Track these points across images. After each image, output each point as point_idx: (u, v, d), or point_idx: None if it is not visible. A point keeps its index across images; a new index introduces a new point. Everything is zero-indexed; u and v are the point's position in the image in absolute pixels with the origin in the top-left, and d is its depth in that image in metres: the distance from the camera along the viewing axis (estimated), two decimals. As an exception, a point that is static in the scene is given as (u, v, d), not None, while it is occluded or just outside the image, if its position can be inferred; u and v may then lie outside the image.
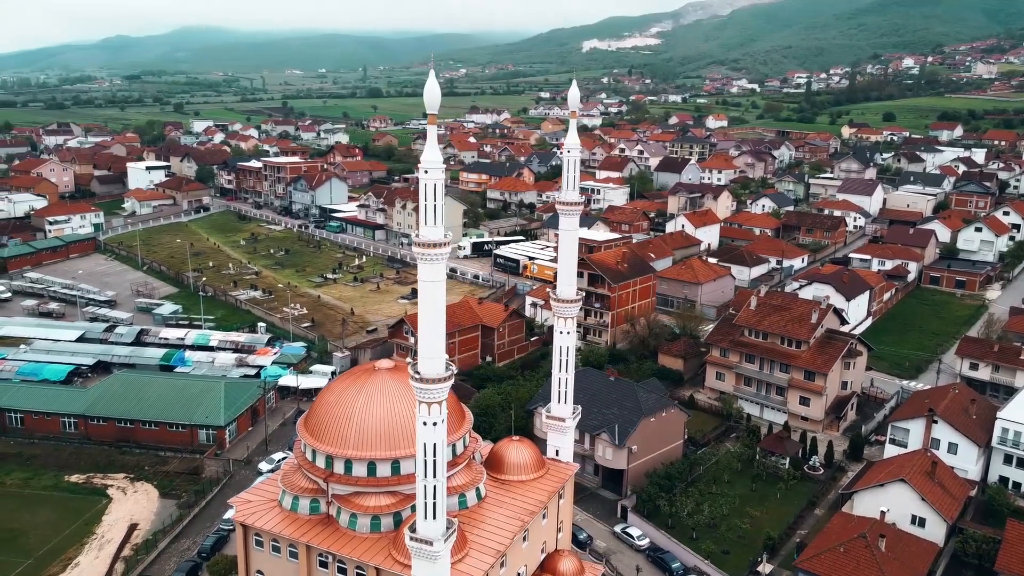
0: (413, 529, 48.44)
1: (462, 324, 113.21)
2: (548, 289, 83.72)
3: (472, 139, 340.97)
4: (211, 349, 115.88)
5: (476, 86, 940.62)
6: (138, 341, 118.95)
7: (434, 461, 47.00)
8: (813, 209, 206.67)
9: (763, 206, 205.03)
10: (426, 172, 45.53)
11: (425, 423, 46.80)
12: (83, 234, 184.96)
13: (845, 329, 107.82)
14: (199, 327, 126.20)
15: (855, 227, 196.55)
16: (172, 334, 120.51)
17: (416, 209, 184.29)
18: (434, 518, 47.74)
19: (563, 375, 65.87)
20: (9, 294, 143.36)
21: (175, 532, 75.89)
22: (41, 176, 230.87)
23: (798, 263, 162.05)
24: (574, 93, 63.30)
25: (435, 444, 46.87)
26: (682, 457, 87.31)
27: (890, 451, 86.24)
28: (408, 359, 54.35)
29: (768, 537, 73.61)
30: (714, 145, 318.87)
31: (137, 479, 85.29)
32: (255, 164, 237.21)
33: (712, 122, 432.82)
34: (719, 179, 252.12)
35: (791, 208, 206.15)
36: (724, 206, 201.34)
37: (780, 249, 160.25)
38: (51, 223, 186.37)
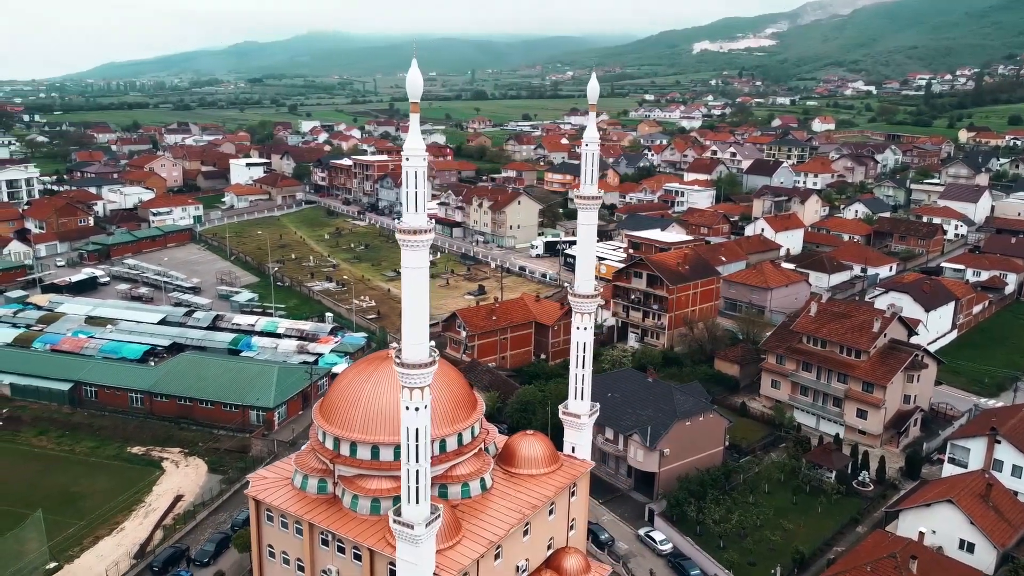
0: (398, 512, 49.15)
1: (514, 321, 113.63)
2: (566, 284, 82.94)
3: (564, 140, 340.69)
4: (278, 336, 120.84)
5: (580, 88, 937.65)
6: (213, 326, 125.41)
7: (417, 446, 47.52)
8: (911, 216, 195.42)
9: (856, 211, 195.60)
10: (407, 159, 46.17)
11: (408, 408, 47.34)
12: (181, 225, 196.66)
13: (918, 341, 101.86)
14: (270, 315, 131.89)
15: (956, 235, 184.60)
16: (244, 320, 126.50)
17: (492, 207, 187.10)
18: (417, 502, 48.26)
19: (580, 371, 65.28)
20: (107, 278, 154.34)
21: (214, 505, 79.74)
22: (153, 171, 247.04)
23: (884, 271, 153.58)
24: (593, 86, 62.59)
25: (418, 429, 47.34)
26: (721, 464, 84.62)
27: (949, 471, 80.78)
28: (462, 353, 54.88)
29: (796, 552, 70.40)
30: (815, 148, 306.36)
31: (190, 454, 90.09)
32: (346, 162, 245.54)
33: (818, 125, 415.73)
34: (815, 183, 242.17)
35: (886, 214, 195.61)
36: (812, 211, 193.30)
37: (864, 256, 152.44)
38: (154, 214, 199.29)
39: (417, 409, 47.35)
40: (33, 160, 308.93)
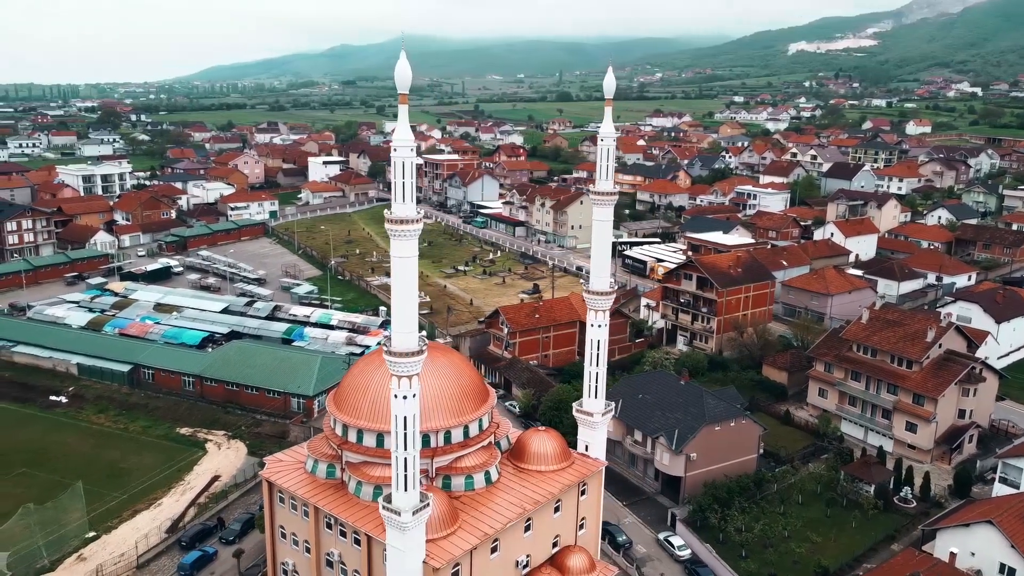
0: (388, 499, 49.81)
1: (558, 320, 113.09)
2: (581, 280, 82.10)
3: (640, 142, 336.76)
4: (330, 327, 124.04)
5: (668, 90, 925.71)
6: (271, 316, 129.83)
7: (405, 433, 48.04)
8: (1000, 223, 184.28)
9: (939, 217, 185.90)
10: (395, 150, 46.74)
11: (396, 396, 47.87)
12: (255, 220, 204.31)
13: (985, 353, 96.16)
14: (326, 307, 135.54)
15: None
16: (300, 311, 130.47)
17: (554, 207, 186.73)
18: (405, 490, 48.79)
19: (595, 369, 64.80)
20: (181, 268, 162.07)
21: (247, 487, 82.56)
22: (236, 168, 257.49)
23: (962, 280, 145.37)
24: (609, 81, 62.05)
25: (406, 417, 47.86)
26: (754, 472, 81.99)
27: (999, 490, 75.97)
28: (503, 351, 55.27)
29: (818, 566, 67.56)
30: (904, 152, 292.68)
31: (233, 437, 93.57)
32: (417, 161, 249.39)
33: (912, 127, 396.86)
34: (899, 187, 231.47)
35: (972, 221, 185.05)
36: (890, 216, 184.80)
37: (940, 264, 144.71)
38: (232, 209, 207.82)
39: (406, 397, 47.80)
40: (133, 157, 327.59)
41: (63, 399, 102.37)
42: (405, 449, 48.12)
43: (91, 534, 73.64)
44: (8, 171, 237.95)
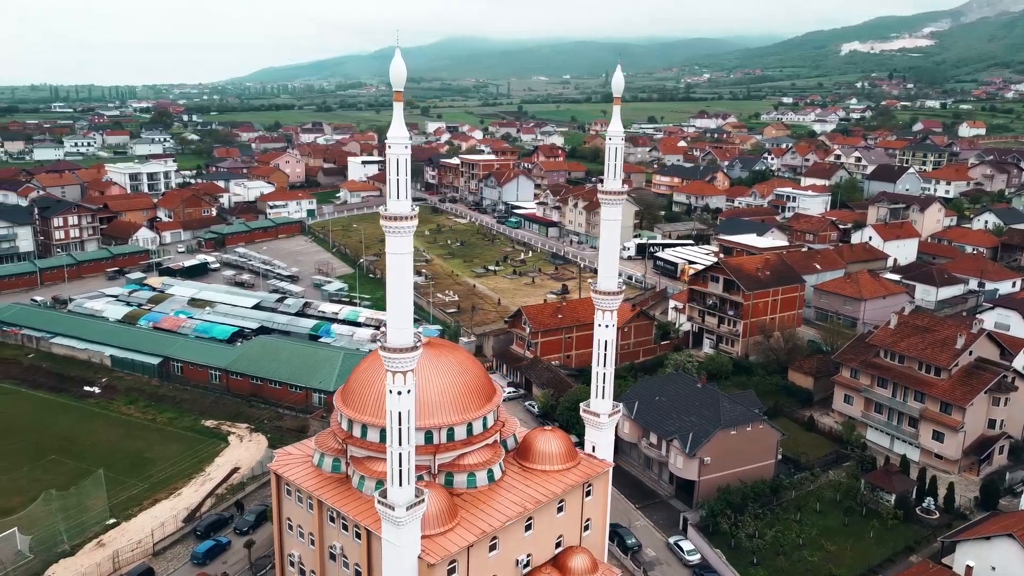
0: (383, 494, 50.20)
1: (581, 320, 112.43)
2: (589, 280, 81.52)
3: (682, 143, 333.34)
4: (357, 324, 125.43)
5: (715, 91, 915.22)
6: (300, 312, 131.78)
7: (400, 429, 48.36)
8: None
9: (985, 222, 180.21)
10: (390, 147, 47.13)
11: (391, 391, 48.23)
12: (293, 218, 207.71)
13: (1021, 363, 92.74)
14: (355, 304, 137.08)
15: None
16: (329, 308, 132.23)
17: (587, 207, 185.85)
18: (400, 485, 49.10)
19: (602, 369, 64.33)
20: (217, 264, 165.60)
21: (264, 479, 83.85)
22: (277, 167, 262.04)
23: (1006, 287, 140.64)
24: (617, 79, 61.56)
25: (400, 413, 48.18)
26: (771, 478, 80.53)
27: (1027, 504, 73.44)
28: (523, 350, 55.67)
29: (830, 575, 66.06)
30: (954, 154, 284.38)
31: (255, 430, 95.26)
32: (454, 161, 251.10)
33: (965, 129, 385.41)
34: (946, 190, 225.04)
35: (1021, 226, 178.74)
36: (933, 220, 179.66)
37: (981, 269, 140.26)
38: (271, 207, 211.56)
39: (400, 393, 48.14)
40: (181, 156, 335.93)
41: (96, 390, 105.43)
42: (400, 445, 48.41)
43: (111, 521, 75.69)
44: (61, 169, 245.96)
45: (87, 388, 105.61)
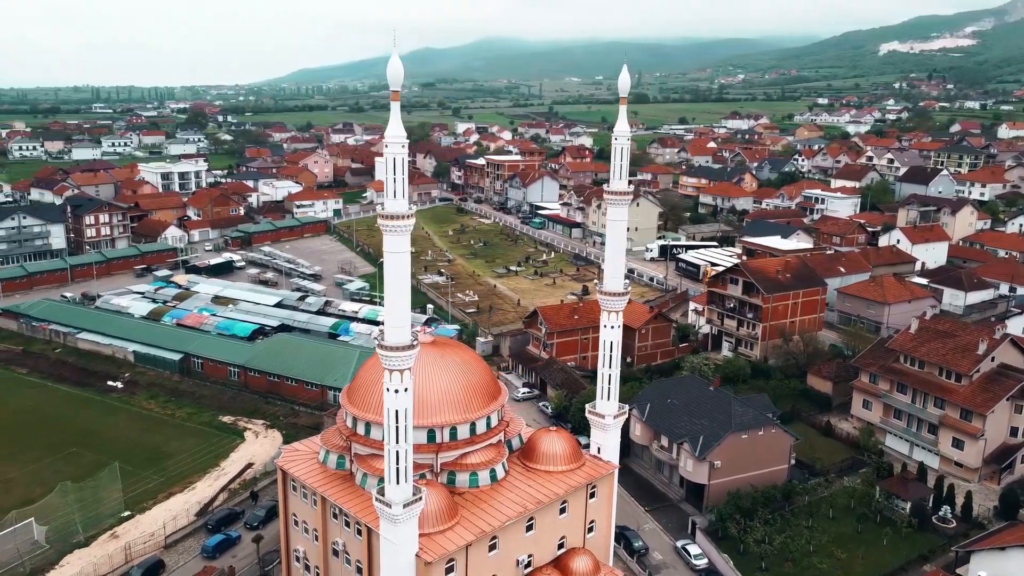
0: (381, 492, 50.44)
1: (598, 321, 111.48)
2: (594, 281, 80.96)
3: (711, 144, 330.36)
4: (376, 323, 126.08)
5: (749, 92, 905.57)
6: (321, 311, 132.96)
7: (398, 427, 48.57)
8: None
9: (1020, 225, 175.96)
10: (387, 146, 47.35)
11: (389, 389, 48.46)
12: (318, 217, 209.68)
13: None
14: (375, 303, 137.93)
15: None
16: (349, 307, 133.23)
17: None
18: (397, 483, 49.30)
19: (608, 371, 64.19)
20: (243, 263, 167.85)
21: (275, 476, 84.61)
22: (306, 167, 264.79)
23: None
24: (624, 79, 61.34)
25: (398, 411, 48.40)
26: (783, 483, 79.43)
27: (1048, 515, 71.56)
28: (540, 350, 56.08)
29: (838, 582, 65.04)
30: (992, 156, 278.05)
31: (271, 427, 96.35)
32: (480, 161, 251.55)
33: (1004, 131, 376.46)
34: (981, 193, 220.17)
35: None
36: (965, 223, 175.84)
37: (1011, 274, 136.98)
38: (298, 206, 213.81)
39: (398, 391, 48.36)
40: (214, 156, 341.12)
41: (119, 384, 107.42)
42: (397, 442, 48.61)
43: (126, 513, 77.05)
44: (96, 168, 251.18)
45: (110, 383, 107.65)
